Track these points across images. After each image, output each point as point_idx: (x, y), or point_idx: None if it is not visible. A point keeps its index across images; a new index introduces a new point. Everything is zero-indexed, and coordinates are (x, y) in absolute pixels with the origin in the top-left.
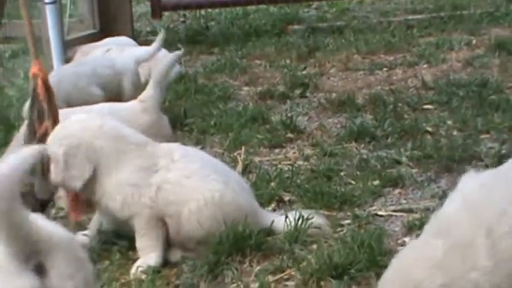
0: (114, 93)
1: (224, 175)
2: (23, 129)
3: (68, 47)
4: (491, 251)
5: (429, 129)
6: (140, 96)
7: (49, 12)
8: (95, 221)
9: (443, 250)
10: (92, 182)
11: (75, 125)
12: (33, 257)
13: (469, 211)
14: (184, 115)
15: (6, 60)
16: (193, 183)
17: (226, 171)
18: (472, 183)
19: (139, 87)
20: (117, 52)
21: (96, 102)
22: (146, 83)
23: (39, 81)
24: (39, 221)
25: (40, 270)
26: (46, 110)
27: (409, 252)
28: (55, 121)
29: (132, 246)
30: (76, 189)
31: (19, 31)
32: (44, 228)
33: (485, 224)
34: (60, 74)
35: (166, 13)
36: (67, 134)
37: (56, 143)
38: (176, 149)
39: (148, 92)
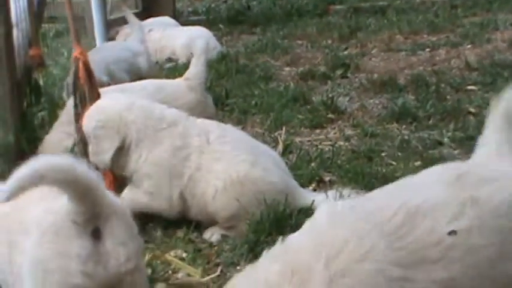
0: (133, 74)
1: (255, 154)
2: (66, 110)
3: (111, 27)
4: (327, 284)
5: (472, 110)
6: (185, 75)
7: None
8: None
9: (279, 273)
10: (122, 157)
11: (106, 102)
12: (92, 221)
13: (314, 239)
14: (226, 95)
15: (50, 39)
16: (222, 165)
17: (260, 150)
18: (325, 211)
19: (153, 66)
20: (159, 32)
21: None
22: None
23: (81, 65)
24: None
25: (96, 235)
26: (88, 93)
27: (244, 275)
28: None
29: (172, 224)
30: (107, 163)
31: (63, 11)
32: (106, 195)
33: (325, 255)
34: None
35: None
36: (99, 111)
37: (89, 121)
38: (212, 128)
39: (193, 70)
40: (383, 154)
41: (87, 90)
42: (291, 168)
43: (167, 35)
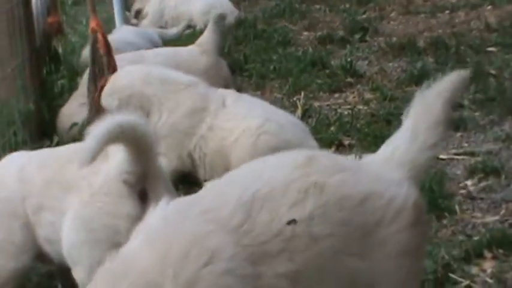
0: None
1: (269, 113)
2: (83, 82)
3: None
4: None
5: (492, 72)
6: (198, 40)
7: None
8: None
9: None
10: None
11: (124, 77)
12: (140, 182)
13: (154, 251)
14: (244, 60)
15: (69, 7)
16: (235, 122)
17: (276, 112)
18: (159, 215)
19: None
20: (175, 0)
21: None
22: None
23: (100, 36)
24: None
25: (143, 196)
26: (106, 65)
27: None
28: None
29: (195, 184)
30: None
31: None
32: (157, 157)
33: (171, 268)
34: None
35: None
36: (118, 87)
37: (109, 96)
38: (229, 94)
39: (206, 36)
40: (402, 117)
41: (105, 62)
42: (311, 132)
43: (182, 2)
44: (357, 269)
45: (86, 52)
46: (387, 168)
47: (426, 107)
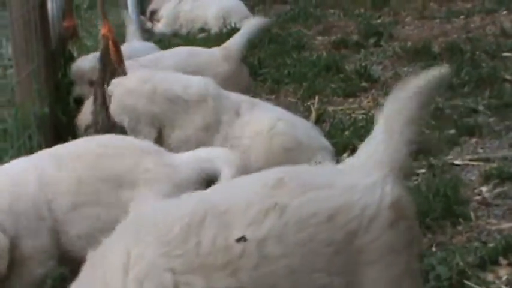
0: None
1: (281, 114)
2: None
3: None
4: None
5: (508, 77)
6: (224, 44)
7: None
8: None
9: None
10: (159, 139)
11: (130, 95)
12: None
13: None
14: (259, 65)
15: (84, 10)
16: (249, 128)
17: (289, 115)
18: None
19: None
20: (189, 3)
21: None
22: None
23: (110, 43)
24: None
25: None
26: (117, 71)
27: None
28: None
29: None
30: None
31: None
32: None
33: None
34: None
35: None
36: (124, 106)
37: (119, 113)
38: (243, 101)
39: (233, 41)
40: None
41: (117, 68)
42: (325, 137)
43: (198, 6)
44: (325, 284)
45: (80, 61)
46: (363, 173)
47: (399, 105)
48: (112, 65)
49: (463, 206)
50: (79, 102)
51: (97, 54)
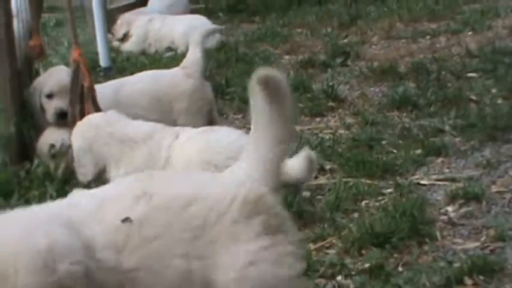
0: None
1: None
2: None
3: (111, 16)
4: None
5: (473, 97)
6: (183, 63)
7: None
8: None
9: None
10: (102, 174)
11: (89, 129)
12: None
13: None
14: (226, 84)
15: (50, 28)
16: (188, 146)
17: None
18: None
19: None
20: (159, 21)
21: None
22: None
23: (83, 66)
24: None
25: None
26: (86, 94)
27: None
28: (94, 102)
29: None
30: (89, 180)
31: (63, 1)
32: None
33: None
34: None
35: None
36: (80, 135)
37: (74, 138)
38: (186, 128)
39: (190, 58)
40: (384, 142)
41: (86, 91)
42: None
43: (166, 24)
44: (187, 270)
45: (58, 74)
46: (229, 173)
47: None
48: (81, 88)
49: (429, 225)
50: (61, 116)
51: (63, 67)
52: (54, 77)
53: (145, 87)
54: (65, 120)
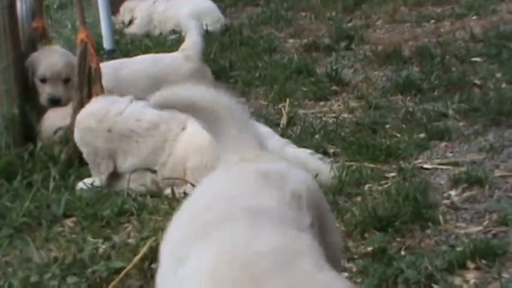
0: None
1: None
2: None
3: None
4: None
5: (477, 82)
6: (182, 46)
7: None
8: None
9: None
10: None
11: (89, 132)
12: None
13: None
14: (230, 67)
15: (54, 11)
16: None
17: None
18: None
19: None
20: (163, 4)
21: None
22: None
23: (90, 48)
24: None
25: None
26: (94, 75)
27: None
28: (100, 83)
29: (175, 197)
30: (103, 182)
31: None
32: None
33: None
34: None
35: None
36: (83, 142)
37: (80, 144)
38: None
39: (189, 41)
40: (387, 126)
41: (94, 72)
42: (295, 140)
43: (171, 6)
44: None
45: (51, 58)
46: None
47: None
48: (89, 69)
49: (431, 209)
50: (54, 101)
51: (58, 48)
52: (47, 60)
53: (146, 69)
54: (57, 104)
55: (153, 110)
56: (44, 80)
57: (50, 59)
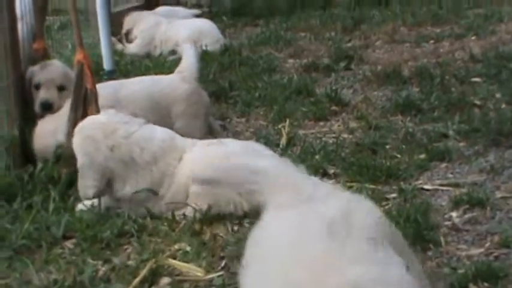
0: None
1: (227, 143)
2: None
3: (114, 19)
4: None
5: (477, 102)
6: (178, 68)
7: None
8: None
9: None
10: (105, 188)
11: (91, 142)
12: None
13: None
14: (229, 87)
15: (55, 31)
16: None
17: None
18: None
19: None
20: (165, 24)
21: None
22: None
23: (86, 69)
24: None
25: None
26: (89, 96)
27: None
28: (96, 104)
29: (174, 219)
30: (89, 197)
31: (67, 3)
32: None
33: None
34: None
35: None
36: (82, 150)
37: (77, 151)
38: (190, 146)
39: (185, 63)
40: (387, 147)
41: (90, 94)
42: (295, 160)
43: (172, 27)
44: None
45: (49, 66)
46: None
47: None
48: (85, 90)
49: (433, 231)
50: (46, 106)
51: (56, 61)
52: (44, 69)
53: (145, 89)
54: (50, 111)
55: (160, 138)
56: (38, 87)
57: (47, 68)
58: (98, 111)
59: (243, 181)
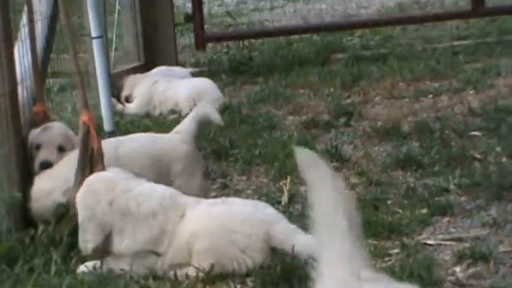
0: None
1: (231, 202)
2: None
3: (114, 80)
4: None
5: (477, 156)
6: (176, 129)
7: (96, 46)
8: None
9: None
10: (105, 241)
11: (92, 196)
12: None
13: None
14: (230, 146)
15: (54, 94)
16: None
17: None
18: None
19: None
20: (164, 84)
21: None
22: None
23: (92, 130)
24: None
25: None
26: (95, 157)
27: None
28: (102, 165)
29: (177, 279)
30: (88, 251)
31: (67, 66)
32: None
33: None
34: None
35: (209, 44)
36: (84, 203)
37: (79, 202)
38: (190, 204)
39: (185, 125)
40: (389, 202)
41: (96, 154)
42: (297, 218)
43: (171, 87)
44: None
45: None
46: None
47: None
48: (91, 151)
49: (437, 286)
50: (45, 167)
51: (57, 123)
52: (45, 130)
53: (145, 147)
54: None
55: (160, 195)
56: (38, 147)
57: (48, 129)
58: (104, 171)
59: None
